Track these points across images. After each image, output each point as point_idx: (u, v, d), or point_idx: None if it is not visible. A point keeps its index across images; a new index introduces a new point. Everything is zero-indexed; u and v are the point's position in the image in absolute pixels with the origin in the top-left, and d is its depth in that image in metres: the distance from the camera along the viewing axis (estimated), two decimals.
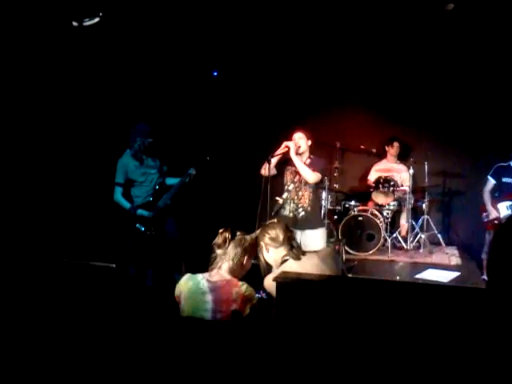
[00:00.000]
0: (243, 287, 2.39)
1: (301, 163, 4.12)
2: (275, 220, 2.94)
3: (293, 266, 2.59)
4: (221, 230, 2.58)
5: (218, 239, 2.55)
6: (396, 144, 6.29)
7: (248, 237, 2.64)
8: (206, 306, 2.36)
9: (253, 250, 2.66)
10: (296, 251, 2.72)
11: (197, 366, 2.05)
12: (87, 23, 4.50)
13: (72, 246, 4.65)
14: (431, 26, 5.80)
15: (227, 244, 2.53)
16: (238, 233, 2.61)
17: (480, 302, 1.50)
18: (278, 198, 4.27)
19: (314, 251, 2.90)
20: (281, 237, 2.70)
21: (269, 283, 2.55)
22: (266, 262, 2.79)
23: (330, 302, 1.74)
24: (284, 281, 1.94)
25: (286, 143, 4.16)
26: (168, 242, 4.40)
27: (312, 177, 4.13)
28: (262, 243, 2.75)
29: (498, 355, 1.41)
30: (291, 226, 4.39)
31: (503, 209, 5.02)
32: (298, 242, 4.44)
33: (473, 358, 1.45)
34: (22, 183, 4.90)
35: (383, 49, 6.32)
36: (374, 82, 6.47)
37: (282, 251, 2.71)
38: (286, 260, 2.67)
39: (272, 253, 2.74)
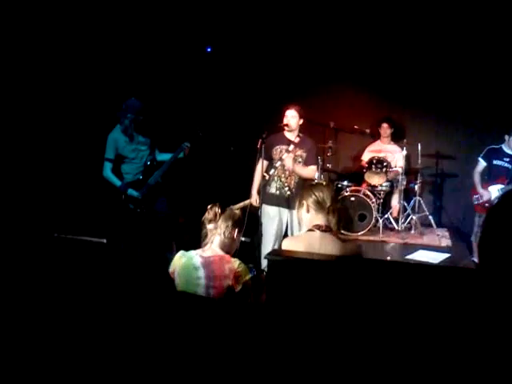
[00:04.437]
0: (236, 263, 2.41)
1: (302, 169, 4.24)
2: (323, 182, 2.82)
3: (315, 241, 2.41)
4: (210, 206, 2.59)
5: (209, 214, 2.56)
6: (384, 125, 6.22)
7: (237, 211, 2.64)
8: (198, 282, 2.38)
9: (241, 224, 2.63)
10: (335, 227, 2.50)
11: (187, 344, 2.05)
12: None
13: (62, 221, 4.61)
14: (424, 6, 5.74)
15: (217, 218, 2.53)
16: (227, 208, 2.62)
17: (469, 283, 1.50)
18: (264, 174, 4.28)
19: (344, 239, 2.64)
20: (327, 202, 2.49)
21: (286, 243, 2.49)
22: (301, 220, 2.61)
23: (320, 280, 1.73)
24: (275, 258, 1.93)
25: (283, 123, 4.21)
26: (158, 221, 4.39)
27: (313, 174, 4.32)
28: (304, 202, 2.55)
29: (487, 335, 1.41)
30: (279, 204, 4.42)
31: (494, 192, 5.04)
32: (286, 220, 4.47)
33: (462, 338, 1.45)
34: (12, 158, 4.83)
35: (377, 29, 6.25)
36: (369, 61, 6.40)
37: (321, 217, 2.50)
38: (312, 230, 2.49)
39: (311, 215, 2.53)
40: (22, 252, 2.57)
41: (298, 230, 4.18)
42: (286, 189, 4.24)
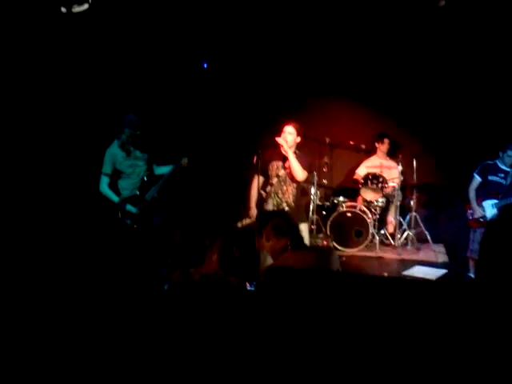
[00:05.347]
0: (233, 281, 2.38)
1: (295, 160, 4.12)
2: (279, 210, 2.90)
3: (289, 260, 2.56)
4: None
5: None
6: (386, 141, 6.31)
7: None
8: None
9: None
10: (300, 242, 2.69)
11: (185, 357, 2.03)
12: (76, 10, 4.42)
13: (59, 237, 4.58)
14: (423, 22, 5.81)
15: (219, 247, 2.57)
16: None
17: (466, 299, 1.50)
18: (261, 192, 4.26)
19: (313, 247, 2.85)
20: (285, 227, 2.66)
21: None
22: (264, 251, 2.74)
23: (318, 296, 1.72)
24: (272, 273, 1.92)
25: (276, 139, 4.16)
26: (155, 237, 4.36)
27: (302, 175, 4.16)
28: (263, 232, 2.70)
29: (483, 350, 1.41)
30: None
31: (488, 207, 5.04)
32: None
33: (458, 352, 1.44)
34: (6, 173, 4.82)
35: (374, 45, 6.32)
36: (365, 77, 6.46)
37: (283, 241, 2.66)
38: (283, 251, 2.62)
39: (273, 242, 2.68)
40: (17, 272, 2.54)
41: None
42: (284, 204, 4.21)
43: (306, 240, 4.28)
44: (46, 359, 2.13)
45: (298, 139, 4.26)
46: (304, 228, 4.27)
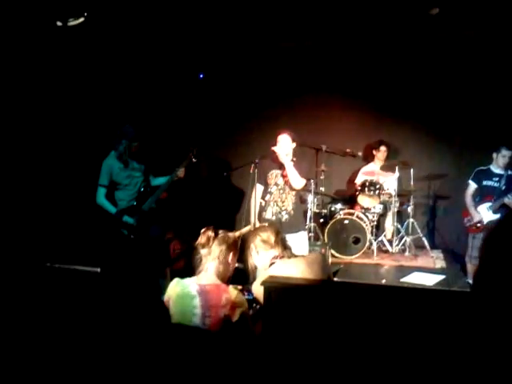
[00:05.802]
0: (233, 293, 2.33)
1: (293, 169, 4.12)
2: (266, 223, 2.92)
3: (280, 270, 2.56)
4: (203, 230, 2.51)
5: (202, 239, 2.48)
6: (383, 148, 6.33)
7: (231, 234, 2.57)
8: (194, 311, 2.32)
9: (236, 248, 2.57)
10: (289, 253, 2.70)
11: (186, 374, 2.02)
12: (72, 23, 4.44)
13: (54, 250, 4.57)
14: (418, 29, 5.85)
15: (211, 242, 2.46)
16: (221, 231, 2.54)
17: (465, 306, 1.50)
18: (260, 201, 4.26)
19: (302, 256, 2.87)
20: (272, 239, 2.68)
21: (257, 288, 2.51)
22: (254, 266, 2.76)
23: (317, 306, 1.72)
24: (271, 285, 1.92)
25: (273, 148, 4.16)
26: (152, 247, 4.36)
27: (300, 183, 4.16)
28: (252, 245, 2.72)
29: (481, 358, 1.41)
30: None
31: (483, 210, 5.07)
32: None
33: (457, 360, 1.45)
34: (3, 183, 4.81)
35: (369, 52, 6.37)
36: (361, 85, 6.50)
37: (272, 254, 2.67)
38: (273, 263, 2.64)
39: (262, 256, 2.70)
40: (12, 282, 2.53)
41: (298, 252, 4.16)
42: (284, 213, 4.21)
43: (305, 248, 4.28)
44: (44, 363, 2.12)
45: (294, 145, 4.28)
46: (303, 236, 4.27)
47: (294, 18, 5.67)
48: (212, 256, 2.45)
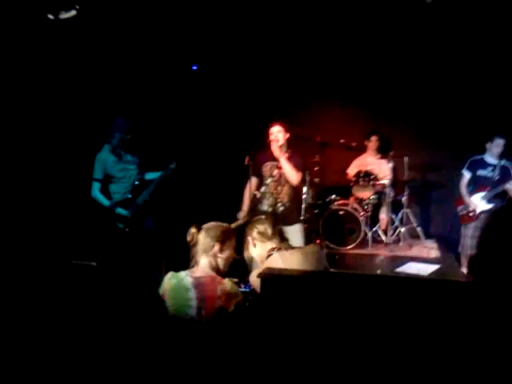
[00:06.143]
0: (228, 284, 2.38)
1: (288, 165, 4.12)
2: (262, 216, 2.91)
3: (277, 261, 2.57)
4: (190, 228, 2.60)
5: (187, 236, 2.58)
6: (373, 138, 6.31)
7: (218, 226, 2.61)
8: (190, 303, 2.35)
9: (225, 239, 2.60)
10: (286, 244, 2.71)
11: (183, 365, 2.03)
12: (63, 16, 4.40)
13: (50, 244, 4.56)
14: (411, 20, 5.84)
15: (195, 238, 2.55)
16: (207, 224, 2.60)
17: (460, 295, 1.51)
18: (255, 192, 4.26)
19: (299, 247, 2.87)
20: (269, 231, 2.69)
21: (254, 279, 2.53)
22: (251, 258, 2.77)
23: (314, 297, 1.73)
24: (269, 276, 1.93)
25: (271, 146, 4.16)
26: (147, 240, 4.35)
27: (297, 178, 4.17)
28: (249, 238, 2.73)
29: (478, 348, 1.42)
30: None
31: (477, 200, 5.08)
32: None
33: (453, 350, 1.46)
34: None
35: (363, 43, 6.35)
36: (355, 76, 6.49)
37: (269, 246, 2.68)
38: (270, 254, 2.65)
39: (259, 248, 2.72)
40: (12, 278, 2.52)
41: (294, 244, 4.17)
42: (280, 204, 4.21)
43: (301, 240, 4.29)
44: (42, 362, 2.12)
45: (287, 135, 4.27)
46: (299, 228, 4.28)
47: (290, 16, 5.67)
48: (200, 251, 2.53)
